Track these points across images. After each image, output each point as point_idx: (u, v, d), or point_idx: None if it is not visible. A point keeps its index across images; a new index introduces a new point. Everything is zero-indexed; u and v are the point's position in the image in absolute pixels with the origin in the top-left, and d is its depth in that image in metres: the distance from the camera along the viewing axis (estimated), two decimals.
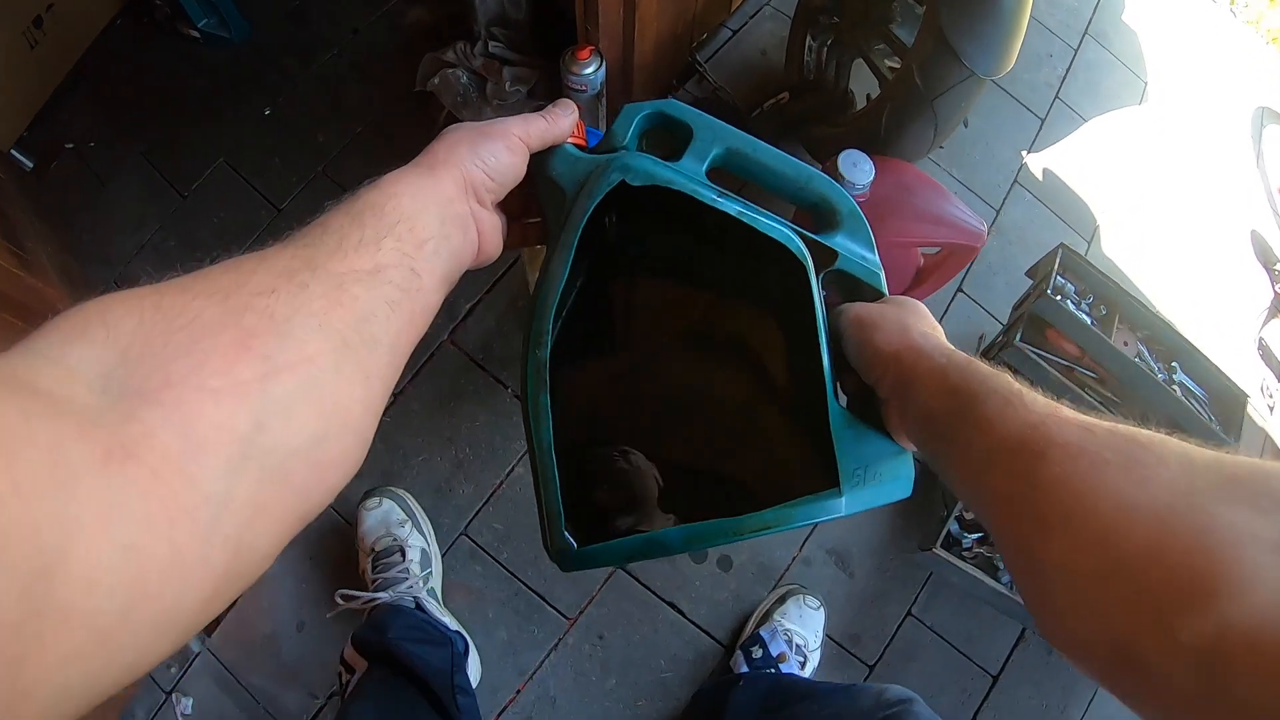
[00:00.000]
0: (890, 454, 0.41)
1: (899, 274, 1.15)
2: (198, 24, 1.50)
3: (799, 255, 0.41)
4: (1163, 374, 1.29)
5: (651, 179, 0.41)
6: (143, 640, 0.22)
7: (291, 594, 1.19)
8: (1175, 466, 0.26)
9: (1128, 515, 0.26)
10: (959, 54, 1.03)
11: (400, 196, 0.34)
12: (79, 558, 0.19)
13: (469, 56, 1.37)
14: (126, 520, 0.21)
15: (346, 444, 0.29)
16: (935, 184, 1.10)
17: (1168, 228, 1.60)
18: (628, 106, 0.45)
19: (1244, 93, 1.83)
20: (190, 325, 0.25)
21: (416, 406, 1.24)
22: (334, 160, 1.41)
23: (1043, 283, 1.24)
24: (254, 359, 0.25)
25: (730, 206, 0.41)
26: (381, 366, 0.31)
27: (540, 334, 0.40)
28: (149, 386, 0.23)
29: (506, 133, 0.40)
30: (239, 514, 0.24)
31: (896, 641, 1.23)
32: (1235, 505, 0.24)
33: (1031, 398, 0.33)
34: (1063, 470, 0.28)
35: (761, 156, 0.45)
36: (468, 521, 1.20)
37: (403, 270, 0.32)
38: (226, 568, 0.24)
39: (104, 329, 0.24)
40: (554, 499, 0.39)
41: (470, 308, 1.29)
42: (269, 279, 0.28)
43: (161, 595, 0.22)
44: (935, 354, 0.37)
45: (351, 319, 0.29)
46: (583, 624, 1.18)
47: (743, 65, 1.52)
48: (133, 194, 1.43)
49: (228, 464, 0.24)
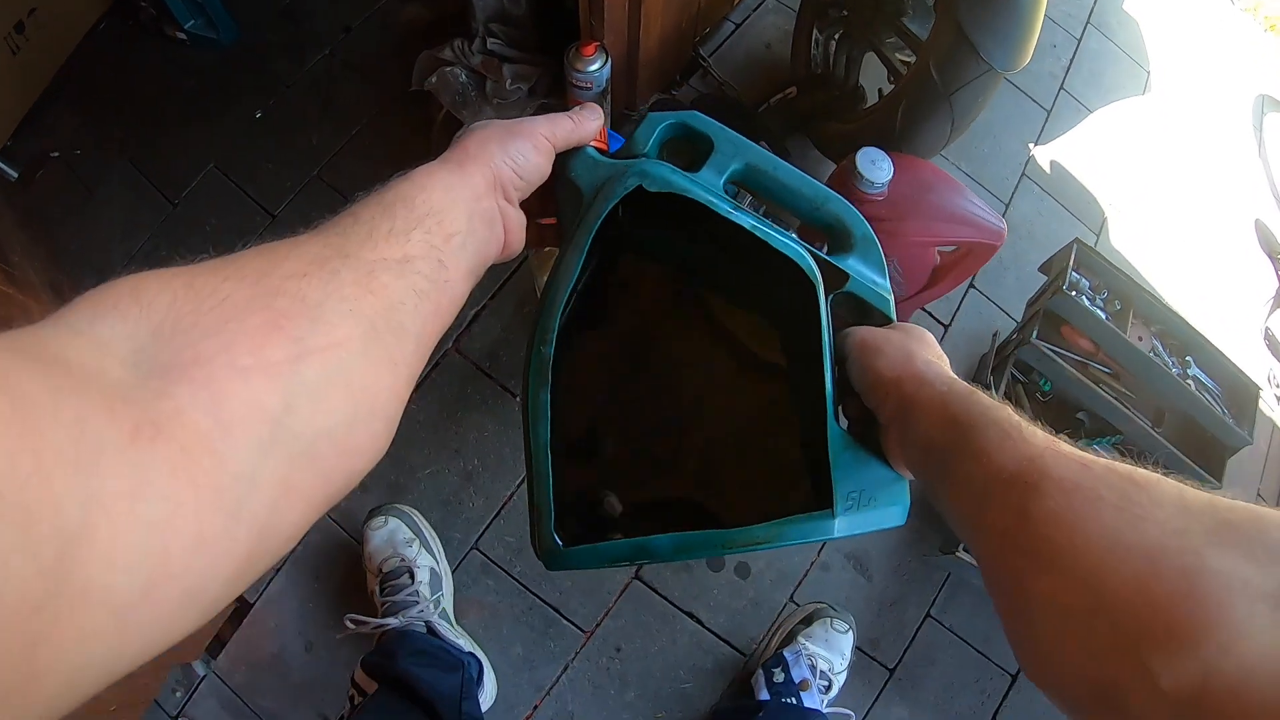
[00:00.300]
0: (887, 481, 0.40)
1: (916, 273, 1.11)
2: (184, 26, 1.44)
3: (810, 274, 0.41)
4: (1177, 368, 1.27)
5: (669, 186, 0.41)
6: (163, 619, 0.21)
7: (298, 614, 1.14)
8: (1170, 508, 0.26)
9: (1118, 553, 0.26)
10: (977, 48, 0.99)
11: (431, 190, 0.34)
12: (101, 536, 0.18)
13: (467, 54, 1.31)
14: (152, 498, 0.20)
15: (374, 429, 0.29)
16: (953, 181, 1.06)
17: (1173, 219, 1.58)
18: (651, 115, 0.44)
19: (1244, 81, 1.80)
20: (222, 305, 0.24)
21: (422, 417, 1.19)
22: (329, 163, 1.35)
23: (1058, 279, 1.21)
24: (285, 340, 0.25)
25: (745, 220, 0.41)
26: (408, 355, 0.31)
27: (546, 331, 0.40)
28: (180, 363, 0.22)
29: (534, 132, 0.40)
30: (266, 494, 0.24)
31: (916, 644, 1.20)
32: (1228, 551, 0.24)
33: (1031, 431, 0.32)
34: (1056, 505, 0.28)
35: (780, 174, 0.44)
36: (478, 535, 1.16)
37: (431, 262, 0.32)
38: (251, 548, 0.24)
39: (137, 305, 0.23)
40: (545, 497, 0.39)
41: (475, 314, 1.24)
42: (301, 264, 0.28)
43: (185, 574, 0.21)
44: (937, 382, 0.37)
45: (381, 306, 0.29)
46: (599, 636, 1.14)
47: (747, 59, 1.47)
48: (121, 202, 1.36)
49: (257, 444, 0.23)
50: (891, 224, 1.02)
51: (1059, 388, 1.26)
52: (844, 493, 0.39)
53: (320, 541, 1.16)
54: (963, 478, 0.33)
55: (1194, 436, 1.26)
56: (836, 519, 0.38)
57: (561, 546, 0.39)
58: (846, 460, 0.39)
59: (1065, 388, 1.24)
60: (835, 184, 1.05)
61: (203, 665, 1.13)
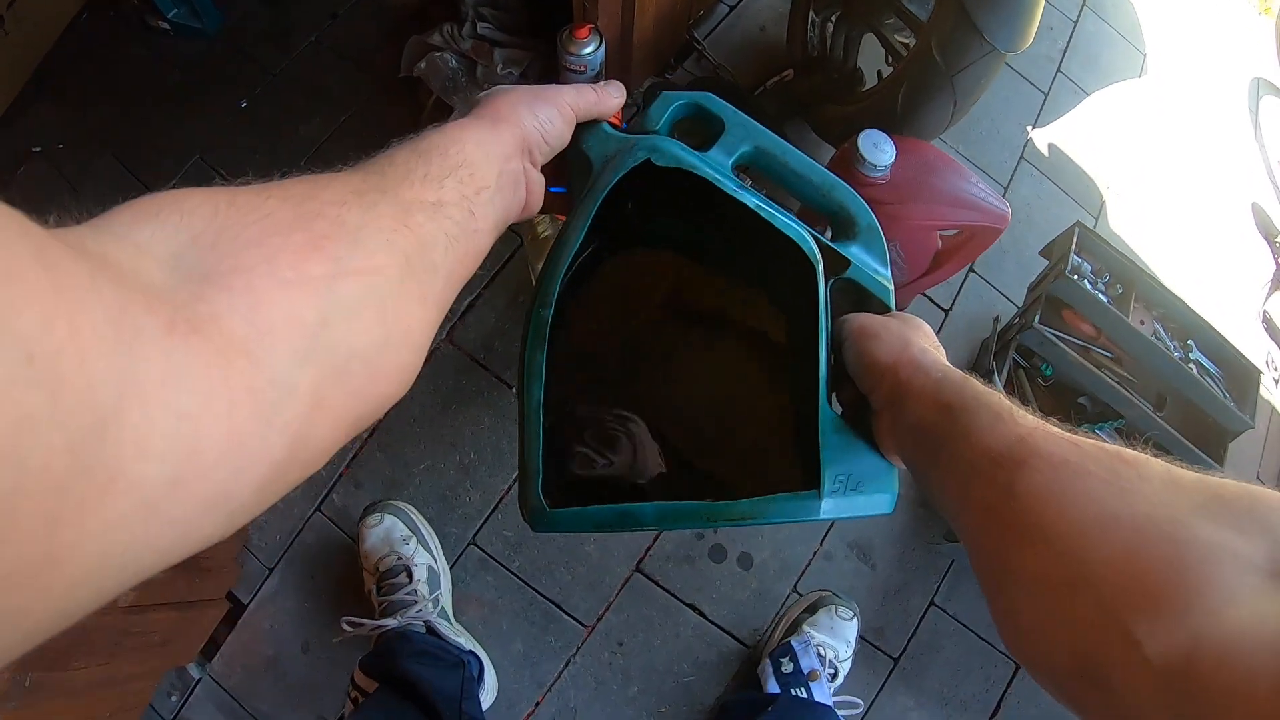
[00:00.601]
0: (877, 468, 0.40)
1: (918, 258, 1.08)
2: (167, 15, 1.38)
3: (811, 256, 0.41)
4: (1178, 352, 1.24)
5: (677, 162, 0.41)
6: (191, 515, 0.20)
7: (294, 615, 1.11)
8: (1157, 482, 0.26)
9: (1104, 525, 0.25)
10: (980, 29, 0.95)
11: (465, 143, 0.34)
12: (133, 421, 0.18)
13: (457, 39, 1.27)
14: (187, 389, 0.19)
15: (404, 358, 0.29)
16: (956, 164, 1.03)
17: (1171, 202, 1.55)
18: (665, 93, 0.45)
19: (1239, 64, 1.77)
20: (264, 221, 0.24)
21: (416, 411, 1.15)
22: (317, 153, 1.30)
23: (1060, 263, 1.18)
24: (325, 259, 0.25)
25: (749, 199, 0.41)
26: (438, 292, 0.31)
27: (547, 295, 0.40)
28: (219, 270, 0.22)
29: (560, 100, 0.40)
30: (300, 404, 0.23)
31: (920, 632, 1.18)
32: (1217, 524, 0.23)
33: (1021, 414, 0.32)
34: (1044, 479, 0.28)
35: (789, 160, 0.44)
36: (476, 530, 1.12)
37: (463, 209, 0.33)
38: (284, 455, 0.23)
39: (178, 214, 0.23)
40: (535, 457, 0.39)
41: (469, 304, 1.20)
42: (341, 193, 0.28)
43: (215, 471, 0.20)
44: (932, 369, 0.37)
45: (415, 242, 0.29)
46: (601, 631, 1.11)
47: (742, 42, 1.43)
48: (106, 199, 1.29)
49: (293, 353, 0.23)
50: (894, 207, 0.99)
51: (1061, 372, 1.23)
52: (832, 475, 0.39)
53: (315, 540, 1.12)
54: (952, 457, 0.33)
55: (1195, 420, 1.24)
56: (823, 500, 0.38)
57: (548, 508, 0.39)
58: (837, 444, 0.39)
59: (1067, 372, 1.22)
60: (837, 167, 1.02)
61: (198, 668, 1.10)
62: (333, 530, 1.13)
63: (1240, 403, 1.25)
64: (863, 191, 1.00)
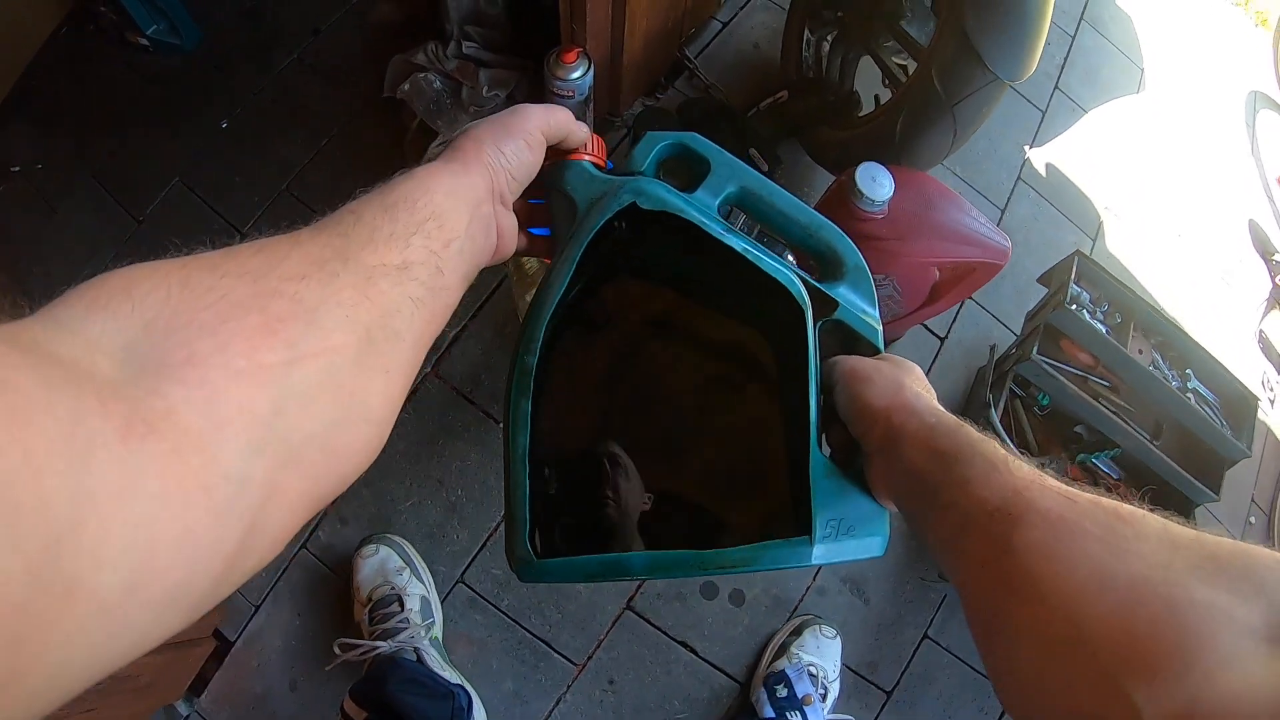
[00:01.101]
0: (868, 512, 0.38)
1: (915, 291, 1.03)
2: (145, 31, 1.32)
3: (799, 299, 0.40)
4: (1177, 381, 1.20)
5: (663, 205, 0.40)
6: (149, 618, 0.20)
7: (281, 651, 1.06)
8: (1154, 541, 0.25)
9: (1101, 584, 0.25)
10: (983, 57, 0.90)
11: (434, 193, 0.33)
12: (90, 533, 0.18)
13: (441, 58, 1.21)
14: (141, 496, 0.19)
15: (365, 434, 0.28)
16: (955, 196, 0.98)
17: (1168, 221, 1.51)
18: (650, 134, 0.43)
19: (1236, 76, 1.72)
20: (218, 304, 0.23)
21: (403, 446, 1.11)
22: (298, 176, 1.24)
23: (1059, 293, 1.14)
24: (280, 344, 0.24)
25: (736, 242, 0.40)
26: (403, 361, 0.30)
27: (531, 340, 0.39)
28: (173, 361, 0.22)
29: (527, 126, 0.38)
30: (254, 495, 0.23)
31: (914, 665, 1.14)
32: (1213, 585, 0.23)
33: (1017, 464, 0.31)
34: (1040, 535, 0.27)
35: (775, 200, 0.43)
36: (464, 568, 1.08)
37: (429, 268, 0.31)
38: (239, 547, 0.23)
39: (129, 302, 0.22)
40: (521, 506, 0.38)
41: (455, 337, 1.15)
42: (300, 265, 0.26)
43: (171, 572, 0.20)
44: (925, 413, 0.36)
45: (378, 312, 0.28)
46: (592, 669, 1.07)
47: (735, 60, 1.37)
48: (85, 221, 1.25)
49: (247, 446, 0.23)
50: (892, 243, 0.94)
51: (1057, 402, 1.19)
52: (824, 520, 0.38)
53: (301, 577, 1.08)
54: (946, 507, 0.32)
55: (1192, 449, 1.20)
56: (815, 546, 0.37)
57: (535, 558, 0.38)
58: (828, 488, 0.38)
59: (1064, 402, 1.18)
60: (833, 200, 0.97)
61: (186, 705, 1.06)
62: (319, 567, 1.08)
63: (1237, 430, 1.21)
64: (860, 227, 0.95)
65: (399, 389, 0.30)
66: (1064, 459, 1.21)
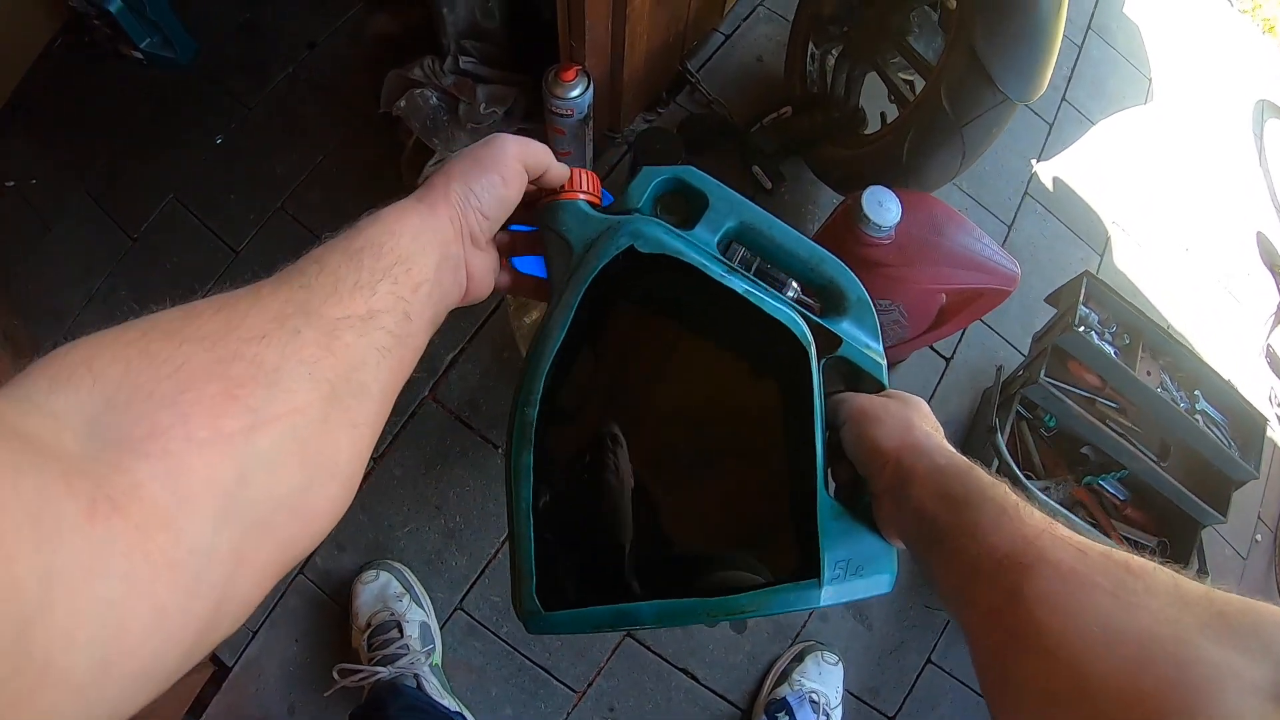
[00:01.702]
0: (876, 550, 0.38)
1: (921, 316, 0.99)
2: (139, 44, 1.27)
3: (803, 340, 0.39)
4: (1185, 403, 1.16)
5: (661, 247, 0.38)
6: (121, 694, 0.20)
7: (279, 677, 1.03)
8: (1164, 597, 0.25)
9: (1109, 639, 0.24)
10: (993, 77, 0.86)
11: (401, 236, 0.32)
12: (60, 614, 0.18)
13: (438, 74, 1.16)
14: (109, 576, 0.19)
15: (330, 491, 0.27)
16: (963, 220, 0.94)
17: (1177, 235, 1.46)
18: (646, 169, 0.42)
19: (1244, 85, 1.67)
20: (177, 373, 0.23)
21: (400, 472, 1.07)
22: (293, 194, 1.20)
23: (1067, 314, 1.10)
24: (240, 410, 0.24)
25: (737, 284, 0.39)
26: (370, 414, 0.29)
27: (530, 393, 0.37)
28: (135, 435, 0.21)
29: (502, 160, 0.36)
30: (222, 566, 0.23)
31: (917, 690, 1.11)
32: (1221, 644, 0.23)
33: (1028, 511, 0.31)
34: (1050, 587, 0.27)
35: (775, 234, 0.42)
36: (463, 595, 1.05)
37: (396, 315, 0.30)
38: (209, 619, 0.23)
39: (90, 376, 0.22)
40: (527, 560, 0.37)
41: (452, 360, 1.11)
42: (261, 323, 0.26)
43: (142, 650, 0.20)
44: (936, 454, 0.35)
45: (343, 367, 0.27)
46: (592, 696, 1.04)
47: (738, 73, 1.32)
48: (79, 237, 1.21)
49: (213, 517, 0.22)
50: (899, 270, 0.90)
51: (1064, 424, 1.15)
52: (832, 561, 0.37)
53: (299, 603, 1.05)
54: (956, 552, 0.31)
55: (1200, 470, 1.16)
56: (823, 588, 0.36)
57: (542, 610, 0.37)
58: (835, 530, 0.37)
59: (1071, 424, 1.14)
60: (838, 225, 0.93)
61: None
62: (316, 593, 1.05)
63: (1245, 451, 1.17)
64: (866, 253, 0.91)
65: (367, 442, 0.29)
66: (1070, 481, 1.17)
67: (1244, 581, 1.30)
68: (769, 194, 1.23)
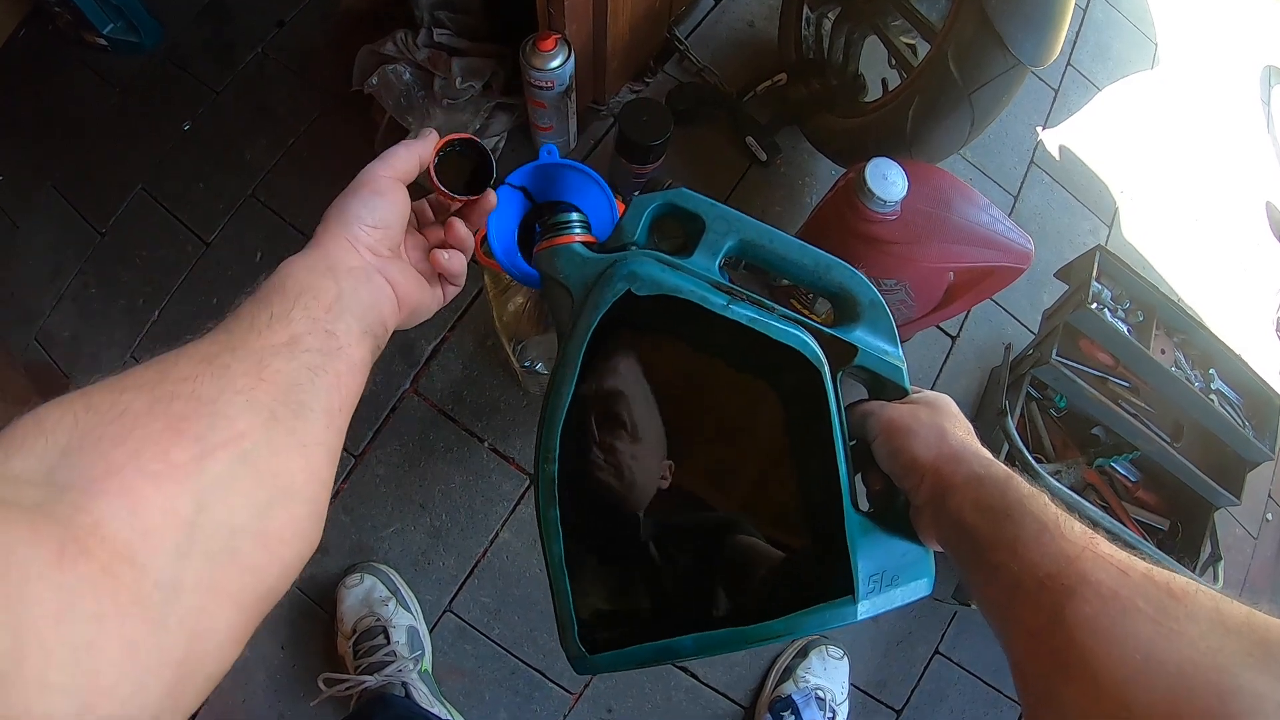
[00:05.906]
0: (912, 557, 0.37)
1: (928, 295, 0.90)
2: (103, 30, 1.16)
3: (814, 361, 0.37)
4: (1199, 382, 1.07)
5: (658, 288, 0.37)
6: None
7: (266, 686, 0.96)
8: (1205, 623, 0.24)
9: (1150, 667, 0.24)
10: (1005, 41, 0.75)
11: (297, 273, 0.33)
12: (33, 663, 0.18)
13: (411, 48, 1.05)
14: (79, 619, 0.19)
15: (294, 513, 0.27)
16: (973, 193, 0.84)
17: (1185, 205, 1.35)
18: (637, 199, 0.40)
19: (1251, 50, 1.55)
20: (122, 417, 0.24)
21: (382, 470, 0.98)
22: (264, 180, 1.09)
23: (1080, 292, 1.00)
24: (188, 441, 0.24)
25: (742, 314, 0.37)
26: (318, 432, 0.29)
27: (549, 450, 0.37)
28: (92, 475, 0.22)
29: (371, 179, 0.38)
30: (190, 598, 0.22)
31: (925, 682, 1.04)
32: (1262, 672, 0.22)
33: (1069, 525, 0.29)
34: (1092, 611, 0.26)
35: (778, 247, 0.40)
36: (452, 597, 0.97)
37: (318, 335, 0.31)
38: (184, 653, 0.22)
39: (41, 435, 0.23)
40: (566, 609, 0.37)
41: (432, 350, 1.02)
42: (191, 366, 0.27)
43: (119, 688, 0.20)
44: (974, 462, 0.34)
45: (277, 391, 0.28)
46: (589, 698, 0.97)
47: (729, 40, 1.21)
48: (47, 235, 1.12)
49: (175, 549, 0.22)
50: (905, 248, 0.80)
51: (1075, 404, 1.06)
52: (866, 577, 0.35)
53: (283, 610, 0.97)
54: (996, 568, 0.30)
55: (1214, 451, 1.08)
56: (859, 603, 0.35)
57: (587, 654, 0.37)
58: (866, 544, 0.36)
59: (1082, 405, 1.05)
60: (839, 199, 0.83)
61: None
62: (301, 599, 0.97)
63: (1260, 431, 1.08)
64: (870, 229, 0.81)
65: (321, 462, 0.29)
66: (1081, 463, 1.08)
67: (1254, 561, 1.22)
68: (764, 167, 1.13)
